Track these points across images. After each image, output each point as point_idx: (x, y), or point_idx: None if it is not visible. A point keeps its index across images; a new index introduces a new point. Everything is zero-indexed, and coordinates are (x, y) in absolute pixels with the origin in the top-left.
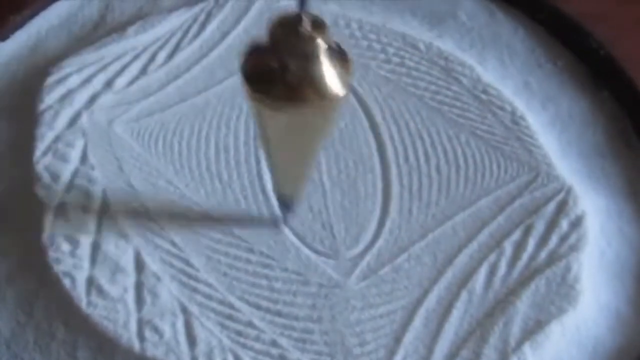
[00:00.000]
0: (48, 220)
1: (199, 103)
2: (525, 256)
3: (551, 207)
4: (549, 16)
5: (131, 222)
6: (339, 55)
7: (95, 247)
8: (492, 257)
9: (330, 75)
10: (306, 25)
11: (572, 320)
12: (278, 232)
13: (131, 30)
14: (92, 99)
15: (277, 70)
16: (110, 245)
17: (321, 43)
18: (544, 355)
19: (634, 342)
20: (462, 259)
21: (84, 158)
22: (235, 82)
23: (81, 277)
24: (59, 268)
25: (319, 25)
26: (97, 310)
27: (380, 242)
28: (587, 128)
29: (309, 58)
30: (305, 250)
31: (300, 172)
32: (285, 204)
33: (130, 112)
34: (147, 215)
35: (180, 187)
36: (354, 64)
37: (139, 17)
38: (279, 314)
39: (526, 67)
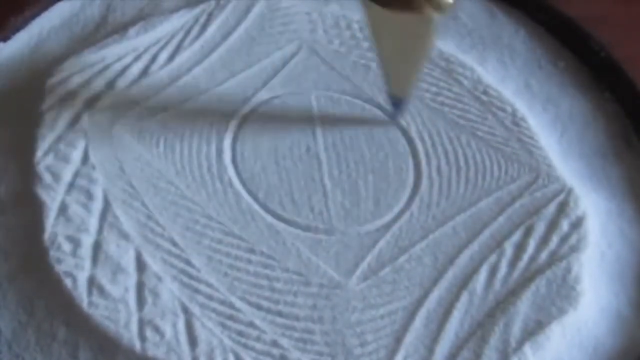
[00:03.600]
0: (49, 221)
1: (200, 104)
2: (525, 257)
3: (552, 208)
4: (550, 18)
5: (132, 222)
6: None
7: (97, 247)
8: (492, 258)
9: None
10: None
11: (572, 321)
12: (277, 233)
13: (132, 31)
14: (94, 100)
15: None
16: (112, 245)
17: None
18: (544, 356)
19: (634, 343)
20: (462, 260)
21: (85, 158)
22: (237, 83)
23: (82, 277)
24: (60, 268)
25: None
26: (98, 311)
27: (381, 243)
28: (588, 129)
29: None
30: (306, 251)
31: (409, 76)
32: (396, 103)
33: (131, 112)
34: (148, 215)
35: (181, 188)
36: None
37: (140, 18)
38: (279, 314)
39: (527, 69)
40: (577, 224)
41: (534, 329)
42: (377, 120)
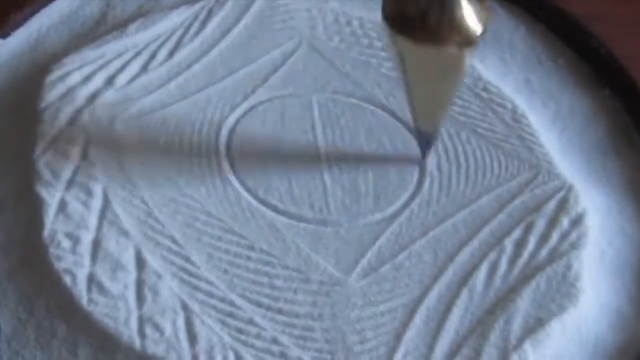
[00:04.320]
0: (48, 218)
1: (200, 100)
2: (525, 254)
3: (552, 205)
4: (550, 14)
5: (132, 219)
6: None
7: (96, 245)
8: (492, 255)
9: (468, 15)
10: None
11: (572, 318)
12: (277, 230)
13: (132, 27)
14: (93, 97)
15: (418, 13)
16: (111, 242)
17: None
18: (544, 353)
19: (634, 340)
20: (462, 257)
21: (84, 155)
22: (236, 79)
23: (82, 274)
24: (59, 265)
25: None
26: (98, 308)
27: (381, 240)
28: (588, 126)
29: (448, 1)
30: (306, 248)
31: (439, 110)
32: (426, 140)
33: (131, 109)
34: (148, 212)
35: (180, 185)
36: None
37: (140, 15)
38: (279, 311)
39: (527, 65)
40: (577, 221)
41: (534, 326)
42: (377, 118)
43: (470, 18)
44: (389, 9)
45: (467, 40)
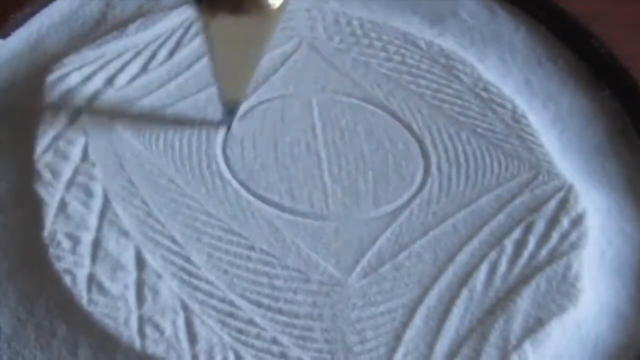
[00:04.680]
0: (48, 218)
1: (200, 101)
2: (525, 254)
3: (552, 205)
4: (550, 15)
5: (132, 219)
6: None
7: (96, 245)
8: (492, 255)
9: None
10: None
11: (572, 319)
12: (277, 230)
13: (132, 27)
14: (93, 97)
15: None
16: (111, 242)
17: None
18: (544, 353)
19: (634, 340)
20: (462, 257)
21: (84, 156)
22: None
23: (82, 274)
24: (59, 265)
25: None
26: (98, 308)
27: (381, 240)
28: (588, 126)
29: None
30: (306, 248)
31: (244, 78)
32: (230, 108)
33: (131, 109)
34: (148, 212)
35: (181, 185)
36: None
37: (140, 15)
38: (279, 311)
39: (527, 66)
40: (577, 221)
41: (534, 326)
42: (377, 118)
43: None
44: None
45: (266, 11)
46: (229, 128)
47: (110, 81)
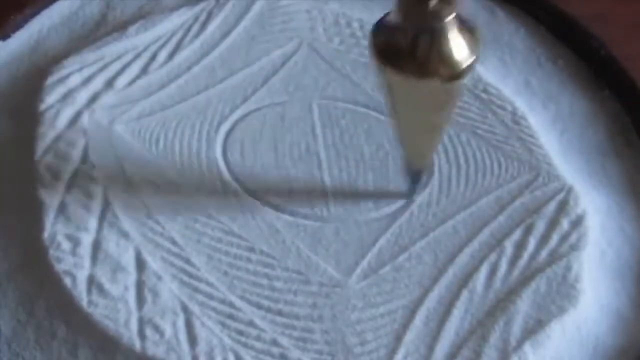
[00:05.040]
0: (49, 219)
1: (200, 102)
2: (525, 255)
3: (552, 206)
4: (550, 16)
5: (132, 221)
6: (466, 27)
7: (96, 246)
8: (492, 257)
9: (457, 48)
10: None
11: (572, 320)
12: (277, 231)
13: (132, 29)
14: (93, 98)
15: (406, 45)
16: (111, 244)
17: (448, 16)
18: (544, 355)
19: (634, 341)
20: (462, 258)
21: (84, 157)
22: (236, 81)
23: (82, 275)
24: (59, 267)
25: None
26: (98, 309)
27: (381, 241)
28: (588, 127)
29: (437, 32)
30: (306, 249)
31: (430, 144)
32: (414, 176)
33: (131, 111)
34: (148, 214)
35: (181, 187)
36: (481, 34)
37: (140, 16)
38: (279, 313)
39: (527, 67)
40: (577, 223)
41: (534, 328)
42: (377, 120)
43: (459, 50)
44: (378, 40)
45: (455, 73)
46: (412, 194)
47: (110, 83)
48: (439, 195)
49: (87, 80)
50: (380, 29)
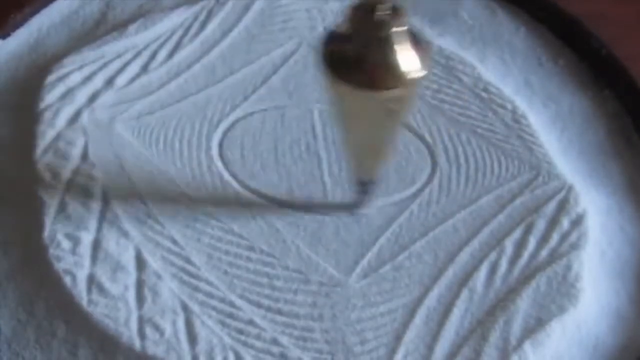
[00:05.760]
0: (49, 218)
1: (199, 101)
2: (526, 254)
3: (552, 205)
4: (550, 15)
5: (132, 220)
6: (415, 39)
7: (96, 245)
8: (493, 256)
9: (406, 61)
10: (382, 11)
11: (572, 319)
12: (277, 231)
13: (132, 28)
14: (93, 97)
15: (354, 55)
16: (111, 243)
17: (397, 29)
18: (544, 354)
19: (634, 341)
20: (463, 257)
21: (84, 156)
22: (236, 80)
23: (82, 275)
24: (59, 266)
25: (395, 11)
26: (98, 309)
27: (381, 241)
28: (588, 126)
29: (384, 42)
30: (306, 249)
31: (379, 155)
32: (363, 188)
33: (131, 110)
34: (148, 213)
35: (181, 186)
36: (431, 47)
37: (140, 15)
38: (279, 312)
39: (527, 66)
40: (577, 222)
41: (534, 327)
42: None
43: (407, 62)
44: (328, 50)
45: (401, 85)
46: (360, 207)
47: (110, 81)
48: (439, 194)
49: (87, 79)
50: (331, 39)
